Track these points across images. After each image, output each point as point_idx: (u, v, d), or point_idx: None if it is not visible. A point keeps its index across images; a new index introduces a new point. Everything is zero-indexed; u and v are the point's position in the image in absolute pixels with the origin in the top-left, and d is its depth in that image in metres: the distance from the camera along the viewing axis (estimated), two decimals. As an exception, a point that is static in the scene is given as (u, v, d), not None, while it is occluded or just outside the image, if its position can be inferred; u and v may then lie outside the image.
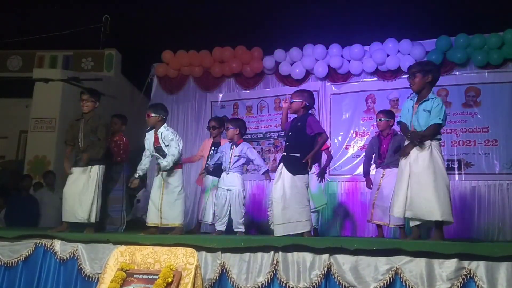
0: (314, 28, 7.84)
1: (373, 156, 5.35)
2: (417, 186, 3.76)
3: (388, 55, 6.63)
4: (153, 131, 4.80)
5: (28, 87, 8.24)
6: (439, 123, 3.81)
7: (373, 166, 5.46)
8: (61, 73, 8.26)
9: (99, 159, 4.68)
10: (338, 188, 6.85)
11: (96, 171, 4.66)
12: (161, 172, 4.75)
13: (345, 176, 6.81)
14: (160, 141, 4.73)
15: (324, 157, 5.85)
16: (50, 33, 9.23)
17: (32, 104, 8.22)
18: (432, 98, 3.88)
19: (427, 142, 3.80)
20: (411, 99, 4.06)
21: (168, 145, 4.70)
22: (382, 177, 5.13)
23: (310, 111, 4.78)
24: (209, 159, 5.70)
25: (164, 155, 4.69)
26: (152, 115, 4.76)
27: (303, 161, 4.27)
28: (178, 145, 4.68)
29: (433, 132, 3.82)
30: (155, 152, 4.75)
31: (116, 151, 5.49)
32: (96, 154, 4.67)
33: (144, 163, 4.83)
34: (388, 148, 5.14)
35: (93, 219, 4.60)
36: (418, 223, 3.93)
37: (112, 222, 5.35)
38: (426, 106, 3.85)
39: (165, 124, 4.81)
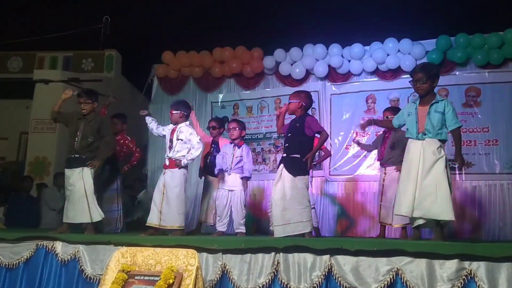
0: (314, 28, 7.83)
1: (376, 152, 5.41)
2: (432, 187, 3.74)
3: (388, 55, 6.63)
4: (173, 125, 4.89)
5: (29, 88, 8.25)
6: (460, 125, 3.95)
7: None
8: (62, 74, 8.27)
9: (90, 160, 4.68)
10: (338, 188, 6.85)
11: (87, 172, 4.65)
12: (163, 172, 4.79)
13: (345, 176, 6.80)
14: (175, 134, 4.78)
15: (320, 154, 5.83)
16: (50, 34, 9.23)
17: (33, 105, 8.22)
18: (442, 100, 3.93)
19: (437, 143, 3.83)
20: (413, 102, 4.07)
21: (180, 139, 4.74)
22: (384, 176, 5.15)
23: (309, 112, 4.78)
24: (209, 156, 5.70)
25: (171, 147, 4.77)
26: (174, 112, 4.86)
27: (304, 160, 4.28)
28: (198, 139, 4.77)
29: (459, 135, 3.96)
30: (169, 142, 4.82)
31: (119, 150, 5.50)
32: (106, 155, 4.77)
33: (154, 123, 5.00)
34: (387, 144, 5.17)
35: (95, 218, 4.62)
36: (421, 222, 3.93)
37: (109, 223, 5.33)
38: (437, 107, 3.88)
39: (187, 122, 4.90)
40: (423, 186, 3.77)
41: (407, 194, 3.84)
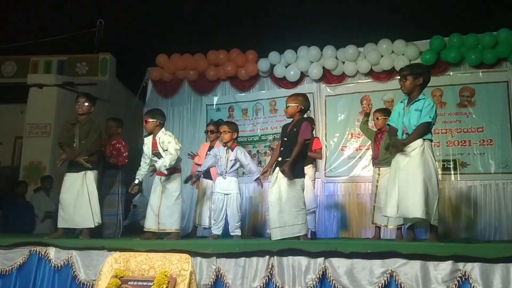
0: (308, 30, 7.82)
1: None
2: (404, 184, 3.78)
3: (382, 56, 6.65)
4: (151, 136, 4.80)
5: (23, 93, 8.20)
6: (429, 121, 3.86)
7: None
8: (56, 78, 8.23)
9: (92, 164, 4.66)
10: (334, 189, 6.85)
11: (91, 176, 4.67)
12: (159, 177, 4.76)
13: (341, 177, 6.81)
14: (158, 146, 4.72)
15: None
16: (44, 38, 9.19)
17: (27, 109, 8.18)
18: (423, 98, 3.94)
19: (419, 141, 3.83)
20: (401, 102, 4.10)
21: (166, 150, 4.69)
22: (378, 177, 5.15)
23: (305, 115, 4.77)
24: None
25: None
26: (150, 120, 4.76)
27: (281, 169, 4.25)
28: (176, 147, 4.67)
29: (422, 131, 3.85)
30: (153, 157, 4.74)
31: (115, 154, 5.48)
32: (77, 156, 4.62)
33: (143, 169, 4.82)
34: (381, 145, 5.17)
35: (97, 222, 4.63)
36: (410, 223, 3.95)
37: (107, 227, 5.33)
38: (418, 106, 3.90)
39: (163, 129, 4.80)
40: (400, 184, 3.81)
41: (392, 195, 3.89)
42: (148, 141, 4.81)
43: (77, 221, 4.60)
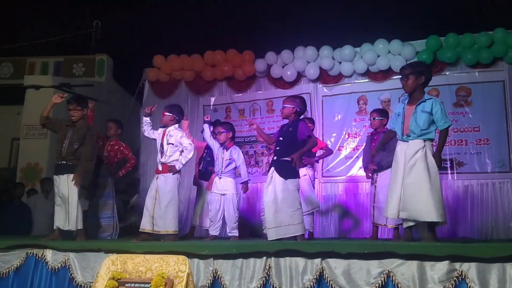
0: (305, 30, 7.85)
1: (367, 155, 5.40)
2: (413, 187, 3.78)
3: (378, 56, 6.65)
4: (163, 129, 4.93)
5: (19, 94, 8.18)
6: (449, 124, 3.93)
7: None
8: (52, 80, 8.20)
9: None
10: (332, 189, 6.86)
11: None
12: (156, 176, 4.79)
13: (339, 178, 6.81)
14: (164, 139, 4.81)
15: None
16: (41, 39, 9.18)
17: (24, 111, 8.16)
18: (430, 99, 3.93)
19: (420, 143, 3.83)
20: (402, 102, 4.09)
21: (171, 143, 4.77)
22: (376, 178, 5.16)
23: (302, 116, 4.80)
24: (202, 162, 5.72)
25: (162, 152, 4.78)
26: (166, 113, 4.91)
27: (289, 158, 4.28)
28: (190, 148, 4.78)
29: (445, 137, 3.94)
30: (159, 147, 4.85)
31: (113, 155, 5.47)
32: (86, 171, 4.67)
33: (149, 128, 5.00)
34: (377, 146, 5.17)
35: (79, 226, 4.59)
36: (411, 224, 3.96)
37: (105, 229, 5.32)
38: (424, 107, 3.89)
39: (176, 125, 4.95)
40: (406, 187, 3.81)
41: (393, 196, 3.89)
42: (160, 132, 4.94)
43: (65, 224, 4.59)
